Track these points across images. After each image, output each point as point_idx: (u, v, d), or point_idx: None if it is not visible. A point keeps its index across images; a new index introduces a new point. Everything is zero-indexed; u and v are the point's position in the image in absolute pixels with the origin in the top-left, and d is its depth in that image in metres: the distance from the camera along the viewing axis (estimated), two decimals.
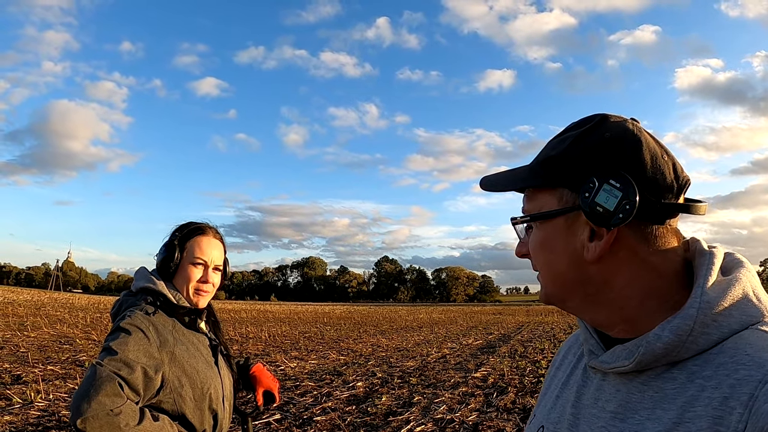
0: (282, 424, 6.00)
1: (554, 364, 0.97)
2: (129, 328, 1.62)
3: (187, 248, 1.84)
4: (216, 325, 2.00)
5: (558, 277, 0.74)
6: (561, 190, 0.73)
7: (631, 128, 0.70)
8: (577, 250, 0.71)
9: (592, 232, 0.70)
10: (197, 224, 1.91)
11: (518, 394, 7.78)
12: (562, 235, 0.73)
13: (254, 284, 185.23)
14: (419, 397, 7.61)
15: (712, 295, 0.65)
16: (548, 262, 0.75)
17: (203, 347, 1.85)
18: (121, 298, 1.84)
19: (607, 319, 0.73)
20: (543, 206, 0.75)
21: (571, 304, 0.76)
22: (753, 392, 0.56)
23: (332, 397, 7.51)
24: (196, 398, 1.71)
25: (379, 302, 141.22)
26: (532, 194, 0.77)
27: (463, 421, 6.25)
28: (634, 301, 0.70)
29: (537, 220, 0.75)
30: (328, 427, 5.94)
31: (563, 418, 0.78)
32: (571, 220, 0.72)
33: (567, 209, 0.72)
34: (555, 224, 0.73)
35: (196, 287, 1.83)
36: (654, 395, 0.65)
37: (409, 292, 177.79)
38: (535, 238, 0.77)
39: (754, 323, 0.64)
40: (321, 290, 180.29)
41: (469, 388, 8.35)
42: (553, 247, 0.74)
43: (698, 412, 0.59)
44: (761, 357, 0.58)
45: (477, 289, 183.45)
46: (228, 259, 1.99)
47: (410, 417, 6.44)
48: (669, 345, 0.64)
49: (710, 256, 0.70)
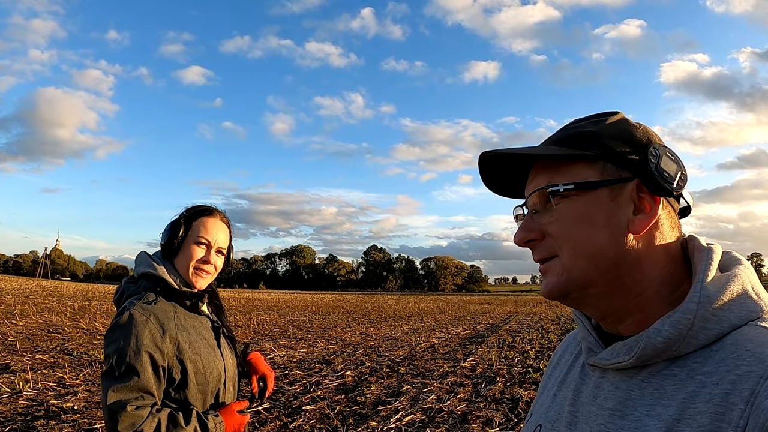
0: (271, 413, 6.01)
1: (551, 363, 0.95)
2: (131, 329, 1.62)
3: (193, 227, 1.83)
4: (219, 309, 1.99)
5: (596, 253, 0.69)
6: (602, 164, 0.71)
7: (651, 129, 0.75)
8: (621, 224, 0.69)
9: (634, 206, 0.70)
10: (206, 206, 1.91)
11: (507, 384, 7.84)
12: (606, 208, 0.70)
13: (243, 272, 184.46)
14: (408, 387, 7.65)
15: (712, 290, 0.65)
16: (588, 236, 0.70)
17: (205, 330, 1.84)
18: (122, 286, 1.82)
19: (623, 308, 0.71)
20: (581, 178, 0.71)
21: (595, 290, 0.71)
22: (754, 388, 0.56)
23: (321, 386, 7.53)
24: (199, 382, 1.72)
25: (367, 291, 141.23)
26: (564, 167, 0.73)
27: (451, 410, 6.30)
28: (653, 287, 0.70)
29: (583, 189, 0.70)
30: (318, 416, 5.95)
31: (561, 417, 0.78)
32: (615, 192, 0.70)
33: (615, 180, 0.70)
34: (598, 196, 0.70)
35: (196, 266, 1.81)
36: (654, 392, 0.64)
37: (397, 281, 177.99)
38: (573, 212, 0.71)
39: (754, 319, 0.64)
40: (310, 278, 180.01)
41: (458, 378, 8.40)
42: (596, 219, 0.70)
43: (699, 408, 0.59)
44: (762, 353, 0.58)
45: (465, 278, 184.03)
46: (233, 246, 1.98)
47: (399, 406, 6.48)
48: (669, 339, 0.64)
49: (709, 252, 0.70)
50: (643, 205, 0.70)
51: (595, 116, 0.76)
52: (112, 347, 1.61)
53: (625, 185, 0.70)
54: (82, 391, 6.65)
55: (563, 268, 0.71)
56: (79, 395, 6.45)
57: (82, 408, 5.90)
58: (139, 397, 1.58)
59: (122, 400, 1.55)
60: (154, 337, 1.63)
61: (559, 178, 0.72)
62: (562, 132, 0.76)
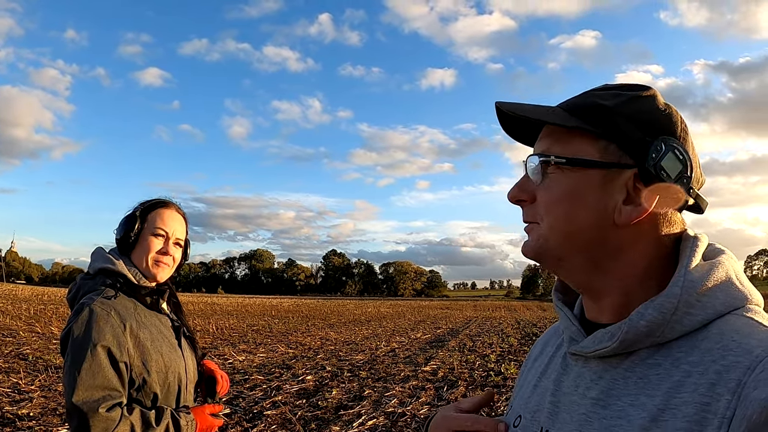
0: (232, 418, 5.90)
1: (531, 356, 0.93)
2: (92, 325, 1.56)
3: (149, 219, 1.79)
4: (177, 307, 1.95)
5: (573, 232, 0.68)
6: (606, 143, 0.68)
7: (678, 113, 0.70)
8: (607, 209, 0.67)
9: (627, 195, 0.67)
10: (161, 198, 1.88)
11: (468, 388, 7.91)
12: (595, 190, 0.68)
13: (201, 276, 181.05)
14: (370, 391, 7.63)
15: (696, 275, 0.64)
16: (569, 213, 0.69)
17: (166, 329, 1.80)
18: (78, 282, 1.76)
19: (601, 287, 0.70)
20: (579, 153, 0.69)
21: (568, 264, 0.71)
22: (741, 378, 0.55)
23: (282, 391, 7.44)
24: (160, 382, 1.67)
25: (327, 296, 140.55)
26: (566, 137, 0.71)
27: (414, 414, 6.30)
28: (636, 277, 0.68)
29: (576, 165, 0.68)
30: (279, 422, 5.87)
31: (542, 407, 0.76)
32: (610, 176, 0.67)
33: (612, 164, 0.67)
34: (590, 175, 0.68)
35: (155, 258, 1.78)
36: (638, 381, 0.63)
37: (356, 286, 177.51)
38: (561, 185, 0.69)
39: (739, 307, 0.64)
40: (269, 283, 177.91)
41: (420, 382, 8.42)
42: (582, 199, 0.68)
43: (684, 398, 0.58)
44: (749, 343, 0.58)
45: (425, 283, 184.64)
46: (190, 240, 1.94)
47: (361, 410, 6.45)
48: (652, 323, 0.63)
49: (694, 240, 0.69)
50: (637, 196, 0.67)
51: (624, 87, 0.71)
52: (73, 344, 1.55)
53: (622, 171, 0.67)
54: (37, 398, 6.44)
55: (540, 236, 0.71)
56: (34, 401, 6.25)
57: (38, 414, 5.71)
58: (107, 396, 1.52)
59: (90, 400, 1.49)
60: (116, 333, 1.58)
61: (557, 148, 0.71)
62: (581, 97, 0.73)
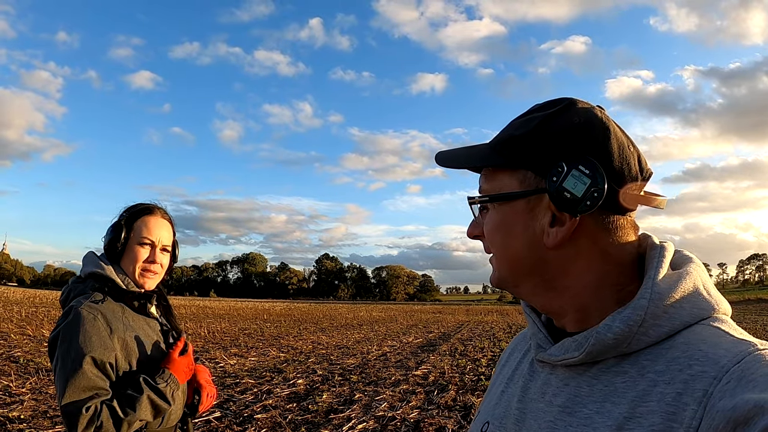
0: (222, 422, 5.89)
1: (500, 362, 0.94)
2: (78, 328, 1.58)
3: (135, 228, 1.80)
4: (168, 310, 1.95)
5: (513, 260, 0.72)
6: (524, 172, 0.70)
7: (599, 116, 0.68)
8: (536, 235, 0.69)
9: (553, 217, 0.68)
10: (145, 204, 1.88)
11: (459, 392, 7.91)
12: (521, 218, 0.70)
13: (193, 280, 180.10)
14: (360, 395, 7.62)
15: (663, 286, 0.64)
16: (504, 244, 0.72)
17: (154, 333, 1.81)
18: (69, 285, 1.78)
19: (559, 307, 0.72)
20: (503, 187, 0.72)
21: (524, 289, 0.74)
22: (707, 389, 0.55)
23: (273, 395, 7.43)
24: None
25: (319, 299, 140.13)
26: (491, 174, 0.74)
27: (404, 418, 6.31)
28: (588, 290, 0.69)
29: (497, 201, 0.72)
30: (269, 425, 5.87)
31: (509, 414, 0.76)
32: (532, 203, 0.69)
33: (529, 192, 0.69)
34: (515, 206, 0.71)
35: (143, 267, 1.79)
36: (603, 389, 0.63)
37: (349, 290, 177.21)
38: (492, 220, 0.73)
39: (706, 317, 0.64)
40: (261, 287, 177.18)
41: (410, 386, 8.42)
42: (511, 229, 0.71)
43: (651, 407, 0.58)
44: (715, 353, 0.57)
45: (417, 288, 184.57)
46: (177, 241, 1.95)
47: (351, 414, 6.45)
48: (619, 336, 0.63)
49: (661, 249, 0.69)
50: (562, 216, 0.67)
51: (542, 107, 0.72)
52: (61, 347, 1.58)
53: (543, 196, 0.69)
54: (28, 400, 6.41)
55: (495, 267, 0.76)
56: (25, 404, 6.22)
57: (28, 417, 5.69)
58: (93, 396, 1.54)
59: (77, 401, 1.51)
60: (102, 336, 1.60)
61: (487, 185, 0.75)
62: (503, 130, 0.75)
